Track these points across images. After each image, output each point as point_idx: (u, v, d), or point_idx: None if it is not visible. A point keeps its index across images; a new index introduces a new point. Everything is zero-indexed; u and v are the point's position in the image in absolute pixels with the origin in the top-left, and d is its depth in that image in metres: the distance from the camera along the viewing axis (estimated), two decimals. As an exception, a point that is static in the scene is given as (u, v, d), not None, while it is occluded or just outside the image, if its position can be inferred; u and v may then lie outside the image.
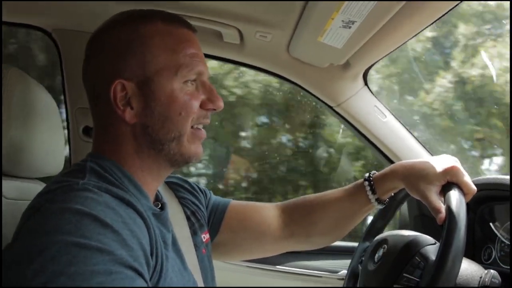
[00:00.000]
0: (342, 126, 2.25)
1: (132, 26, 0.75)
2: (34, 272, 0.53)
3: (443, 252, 0.73)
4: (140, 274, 0.58)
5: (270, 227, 1.03)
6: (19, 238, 0.60)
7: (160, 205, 0.82)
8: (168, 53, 0.74)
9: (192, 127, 0.78)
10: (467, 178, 0.85)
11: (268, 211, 1.05)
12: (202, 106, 0.78)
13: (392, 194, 1.01)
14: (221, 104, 0.79)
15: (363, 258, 1.01)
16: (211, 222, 1.00)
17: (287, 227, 1.03)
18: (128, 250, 0.58)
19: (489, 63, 2.26)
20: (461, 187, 0.84)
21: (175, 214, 0.89)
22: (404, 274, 0.83)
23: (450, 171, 0.85)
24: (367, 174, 0.98)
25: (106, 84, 0.73)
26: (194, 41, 0.79)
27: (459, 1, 0.90)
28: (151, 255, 0.65)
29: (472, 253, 1.10)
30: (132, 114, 0.74)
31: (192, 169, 2.77)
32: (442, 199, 0.84)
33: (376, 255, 0.94)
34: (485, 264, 1.06)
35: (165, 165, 0.78)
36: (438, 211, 0.82)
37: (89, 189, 0.63)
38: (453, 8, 0.92)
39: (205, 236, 0.94)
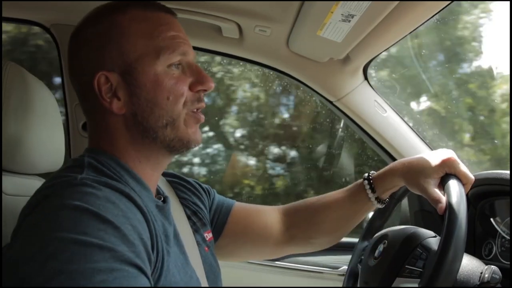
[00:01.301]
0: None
1: (109, 18, 0.75)
2: (33, 270, 0.51)
3: (446, 239, 0.73)
4: (142, 271, 0.57)
5: (272, 231, 1.03)
6: (18, 237, 0.59)
7: (162, 198, 0.81)
8: (146, 38, 0.73)
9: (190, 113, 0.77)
10: (464, 168, 0.86)
11: (270, 216, 1.05)
12: (191, 88, 0.76)
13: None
14: (211, 84, 0.78)
15: (363, 257, 1.00)
16: (214, 224, 1.00)
17: (288, 230, 1.03)
18: (129, 246, 0.57)
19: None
20: (459, 177, 0.85)
21: (176, 213, 0.88)
22: (407, 266, 0.83)
23: (446, 163, 0.86)
24: (366, 174, 0.98)
25: (90, 78, 0.72)
26: (174, 24, 0.77)
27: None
28: (152, 250, 0.63)
29: (473, 249, 1.09)
30: (119, 105, 0.73)
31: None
32: (443, 191, 0.85)
33: (377, 251, 0.93)
34: (486, 259, 1.05)
35: (163, 152, 0.77)
36: (438, 201, 0.82)
37: (88, 184, 0.62)
38: (453, 0, 0.91)
39: (207, 235, 0.93)
